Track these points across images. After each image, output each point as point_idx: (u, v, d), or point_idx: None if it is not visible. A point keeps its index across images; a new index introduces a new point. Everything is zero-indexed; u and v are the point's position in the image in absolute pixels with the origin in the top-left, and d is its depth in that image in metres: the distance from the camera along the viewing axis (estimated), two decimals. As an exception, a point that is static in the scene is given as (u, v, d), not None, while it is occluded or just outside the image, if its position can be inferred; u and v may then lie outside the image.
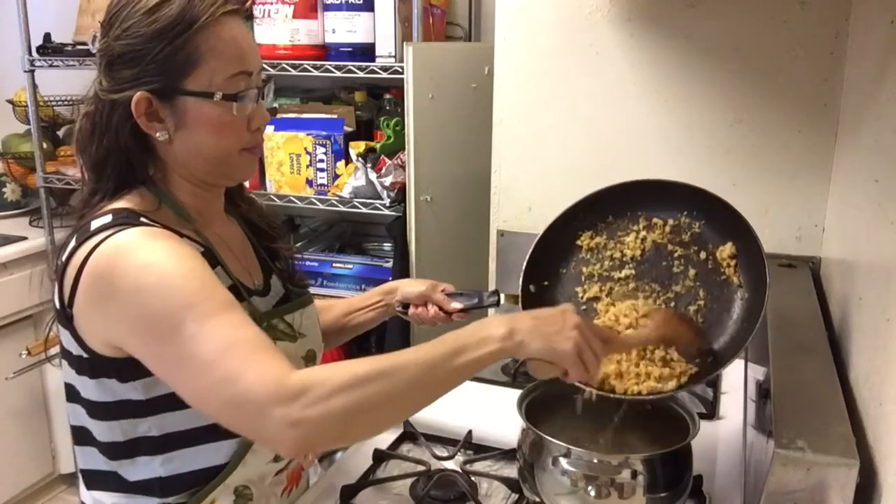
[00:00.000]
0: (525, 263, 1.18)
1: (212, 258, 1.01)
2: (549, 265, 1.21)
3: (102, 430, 0.99)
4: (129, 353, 0.91)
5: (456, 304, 1.25)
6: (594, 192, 1.17)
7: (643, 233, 1.17)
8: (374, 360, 0.85)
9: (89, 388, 0.98)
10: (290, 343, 1.08)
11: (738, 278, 1.11)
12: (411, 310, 1.28)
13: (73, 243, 0.95)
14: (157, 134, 0.98)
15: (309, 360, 1.12)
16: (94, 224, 0.95)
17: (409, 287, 1.29)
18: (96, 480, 1.03)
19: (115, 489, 1.01)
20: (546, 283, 1.21)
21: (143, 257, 0.89)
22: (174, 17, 0.94)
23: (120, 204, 0.99)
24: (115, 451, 0.99)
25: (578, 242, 1.20)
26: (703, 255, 1.14)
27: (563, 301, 1.20)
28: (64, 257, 0.95)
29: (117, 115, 0.97)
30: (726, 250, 1.11)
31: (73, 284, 0.92)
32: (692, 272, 1.14)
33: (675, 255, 1.15)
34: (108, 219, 0.95)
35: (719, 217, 1.11)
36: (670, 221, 1.16)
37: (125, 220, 0.94)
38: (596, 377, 0.97)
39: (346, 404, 0.81)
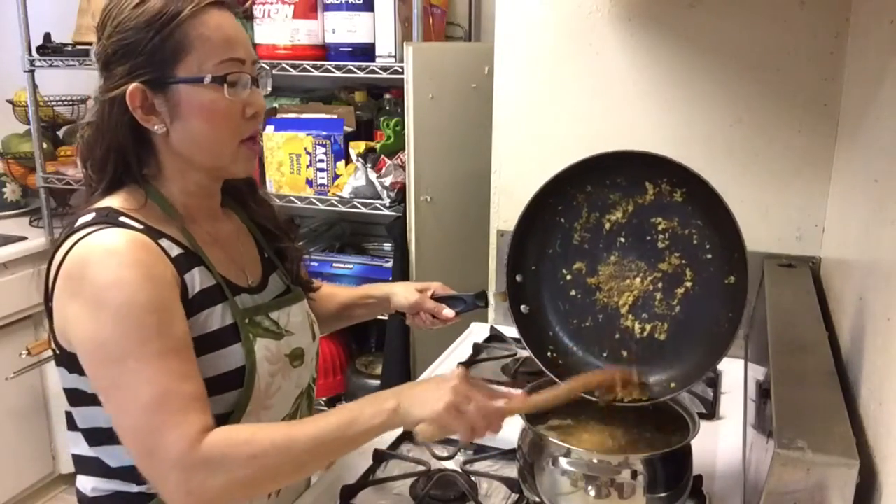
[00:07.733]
0: (507, 255, 1.18)
1: (193, 257, 1.01)
2: (533, 249, 1.20)
3: (83, 417, 1.02)
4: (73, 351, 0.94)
5: (448, 313, 1.34)
6: (566, 167, 1.16)
7: (623, 202, 1.16)
8: (275, 432, 0.92)
9: (70, 380, 1.00)
10: (273, 340, 1.08)
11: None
12: (408, 319, 1.37)
13: (59, 240, 0.97)
14: (155, 127, 0.99)
15: (295, 358, 1.11)
16: (79, 221, 0.97)
17: (399, 298, 1.36)
18: (82, 465, 1.05)
19: (97, 474, 1.03)
20: (533, 267, 1.20)
21: (113, 270, 0.91)
22: (160, 7, 0.97)
23: (105, 202, 1.00)
24: (96, 436, 1.01)
25: (560, 219, 1.19)
26: (686, 230, 1.12)
27: (549, 287, 1.21)
28: (51, 254, 0.97)
29: (115, 112, 0.99)
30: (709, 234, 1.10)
31: (53, 280, 0.95)
32: (677, 247, 1.13)
33: (660, 227, 1.14)
34: (90, 216, 0.97)
35: (699, 191, 1.09)
36: (650, 189, 1.14)
37: (104, 219, 0.96)
38: (479, 427, 0.97)
39: (245, 476, 0.89)
